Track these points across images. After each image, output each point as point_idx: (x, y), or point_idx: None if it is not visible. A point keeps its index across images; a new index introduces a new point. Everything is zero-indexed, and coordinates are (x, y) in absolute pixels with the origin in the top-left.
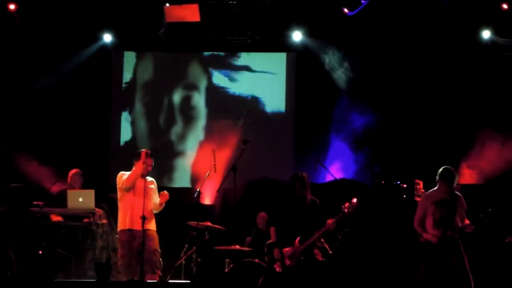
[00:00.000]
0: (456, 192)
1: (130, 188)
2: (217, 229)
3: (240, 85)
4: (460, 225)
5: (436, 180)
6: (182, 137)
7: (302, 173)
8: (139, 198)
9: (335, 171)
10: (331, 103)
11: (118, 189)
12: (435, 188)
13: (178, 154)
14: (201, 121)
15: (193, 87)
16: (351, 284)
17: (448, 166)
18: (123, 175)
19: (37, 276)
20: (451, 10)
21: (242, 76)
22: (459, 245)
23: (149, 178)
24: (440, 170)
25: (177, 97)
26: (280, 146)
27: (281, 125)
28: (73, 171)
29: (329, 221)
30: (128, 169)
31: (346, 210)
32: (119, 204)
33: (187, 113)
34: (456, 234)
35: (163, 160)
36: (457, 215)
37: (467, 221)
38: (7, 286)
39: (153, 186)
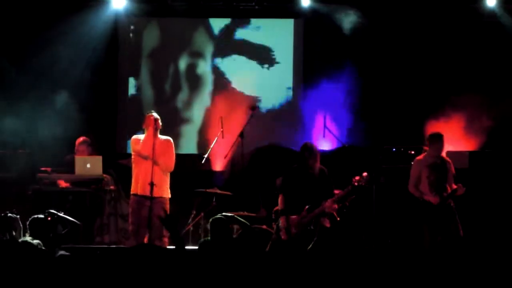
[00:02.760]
0: (445, 157)
1: (146, 156)
2: (225, 195)
3: (246, 51)
4: (449, 188)
5: (425, 145)
6: (188, 104)
7: (310, 143)
8: (149, 164)
9: (343, 138)
10: (339, 71)
11: (132, 154)
12: (425, 154)
13: (185, 120)
14: (207, 88)
15: (199, 54)
16: (359, 250)
17: (436, 132)
18: (137, 141)
19: (44, 243)
20: None
21: (249, 42)
22: (455, 214)
23: (163, 137)
24: (428, 135)
25: (183, 64)
26: (287, 113)
27: (289, 91)
28: (80, 139)
29: (336, 194)
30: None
31: (356, 184)
32: (132, 168)
33: (193, 80)
34: (449, 198)
35: (170, 126)
36: (447, 179)
37: (454, 186)
38: (15, 251)
39: (166, 146)
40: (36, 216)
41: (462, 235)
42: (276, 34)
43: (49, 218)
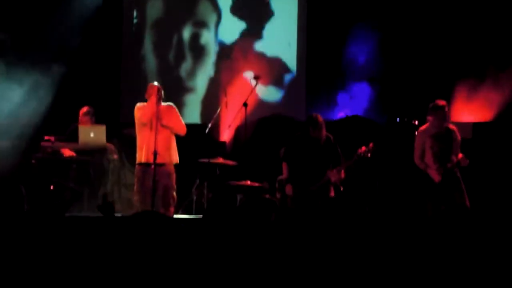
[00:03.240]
0: (450, 125)
1: (147, 123)
2: (229, 165)
3: (250, 21)
4: (455, 158)
5: (428, 115)
6: (192, 73)
7: (316, 115)
8: (152, 133)
9: (347, 108)
10: (343, 39)
11: (135, 123)
12: (428, 124)
13: (188, 90)
14: (211, 58)
15: (202, 24)
16: (362, 221)
17: (438, 100)
18: (140, 109)
19: (48, 211)
20: None
21: (253, 12)
22: (460, 182)
23: (164, 104)
24: (431, 105)
25: (186, 34)
26: (291, 82)
27: (292, 61)
28: (84, 109)
29: (342, 164)
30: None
31: (362, 155)
32: (137, 138)
33: (197, 49)
34: (454, 168)
35: (173, 96)
36: (452, 148)
37: (460, 155)
38: (18, 220)
39: (170, 111)
40: (39, 184)
41: (468, 206)
42: (281, 3)
43: (52, 187)
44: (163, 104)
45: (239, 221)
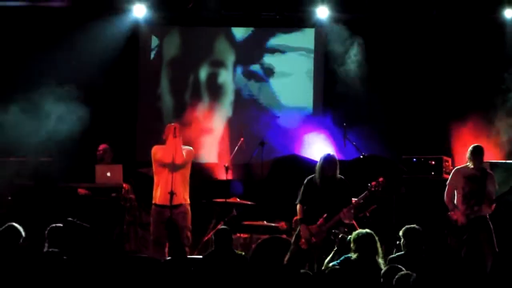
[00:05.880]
0: (487, 170)
1: (168, 164)
2: (245, 205)
3: (267, 61)
4: (487, 203)
5: (467, 157)
6: (209, 114)
7: (331, 154)
8: (169, 173)
9: (363, 148)
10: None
11: (153, 164)
12: (466, 164)
13: (205, 131)
14: (228, 97)
15: (220, 63)
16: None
17: (478, 144)
18: (158, 150)
19: (62, 250)
20: None
21: (270, 52)
22: (488, 223)
23: (185, 148)
24: (471, 147)
25: (203, 73)
26: (308, 123)
27: (309, 101)
28: (103, 146)
29: (353, 201)
30: (155, 143)
31: (372, 189)
32: (154, 178)
33: (214, 89)
34: (481, 212)
35: (190, 137)
36: (486, 192)
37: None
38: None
39: (188, 155)
40: (54, 225)
41: (496, 250)
42: (297, 43)
43: (67, 227)
44: (184, 146)
45: (253, 262)
